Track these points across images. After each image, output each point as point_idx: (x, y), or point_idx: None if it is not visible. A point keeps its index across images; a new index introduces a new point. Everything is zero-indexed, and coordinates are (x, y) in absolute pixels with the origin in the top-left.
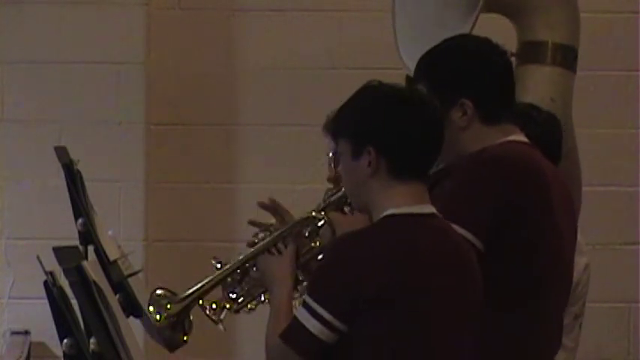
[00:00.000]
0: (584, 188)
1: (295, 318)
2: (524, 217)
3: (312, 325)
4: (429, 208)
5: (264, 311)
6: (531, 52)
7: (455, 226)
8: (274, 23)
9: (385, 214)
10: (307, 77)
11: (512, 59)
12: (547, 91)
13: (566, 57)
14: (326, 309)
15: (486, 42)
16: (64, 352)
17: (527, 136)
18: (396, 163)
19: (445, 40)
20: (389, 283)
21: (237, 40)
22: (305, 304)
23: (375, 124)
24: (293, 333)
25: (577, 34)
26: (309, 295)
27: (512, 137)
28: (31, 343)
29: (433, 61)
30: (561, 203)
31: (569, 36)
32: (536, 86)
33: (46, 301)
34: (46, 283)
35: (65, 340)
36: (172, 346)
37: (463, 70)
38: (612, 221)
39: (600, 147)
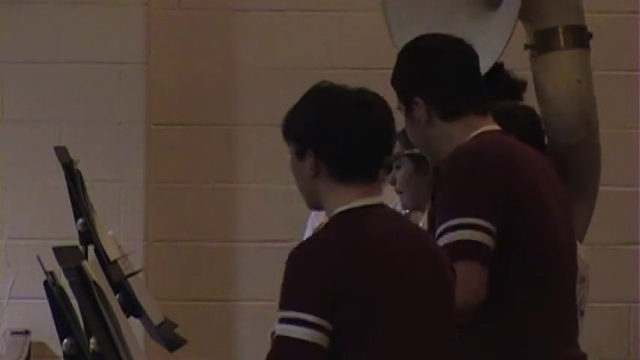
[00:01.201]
0: None
1: (278, 337)
2: (514, 201)
3: (300, 332)
4: (377, 199)
5: (264, 312)
6: (546, 39)
7: (468, 219)
8: (274, 23)
9: (335, 212)
10: (307, 77)
11: (528, 51)
12: (572, 74)
13: (578, 36)
14: (306, 311)
15: (446, 38)
16: (64, 352)
17: (511, 132)
18: (335, 167)
19: (409, 42)
20: (352, 273)
21: (237, 40)
22: (283, 319)
23: (314, 128)
24: (281, 349)
25: (581, 11)
26: (283, 309)
27: (483, 128)
28: (31, 343)
29: (395, 63)
30: (548, 183)
31: (575, 15)
32: (561, 72)
33: (46, 301)
34: (46, 283)
35: (65, 340)
36: (172, 346)
37: (412, 70)
38: (612, 221)
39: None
